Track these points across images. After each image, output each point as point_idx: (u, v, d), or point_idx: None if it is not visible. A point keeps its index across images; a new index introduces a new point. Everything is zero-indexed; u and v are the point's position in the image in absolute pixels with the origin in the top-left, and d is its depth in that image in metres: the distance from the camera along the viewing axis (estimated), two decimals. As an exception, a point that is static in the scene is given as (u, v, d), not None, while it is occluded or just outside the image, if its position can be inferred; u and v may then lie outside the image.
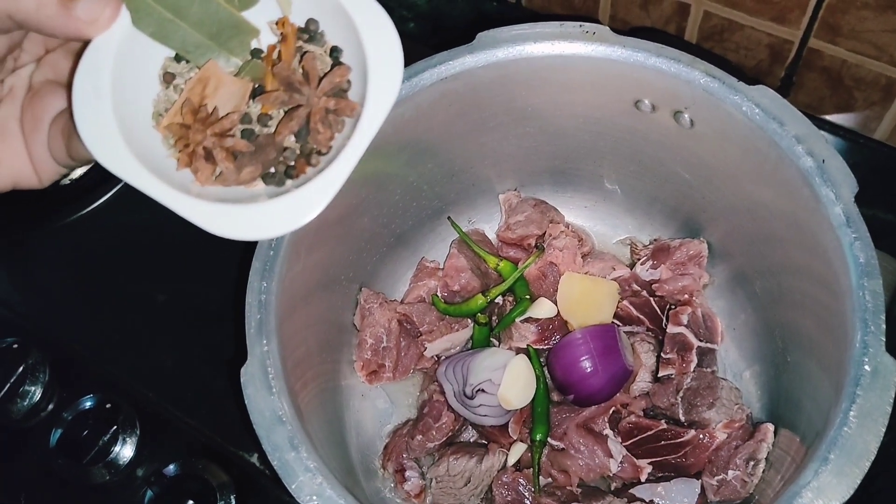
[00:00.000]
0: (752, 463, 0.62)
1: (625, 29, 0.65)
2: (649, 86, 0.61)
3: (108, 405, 0.80)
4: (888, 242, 0.80)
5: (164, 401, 0.82)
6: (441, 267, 0.76)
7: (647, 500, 0.64)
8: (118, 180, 0.93)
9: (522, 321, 0.71)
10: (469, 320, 0.73)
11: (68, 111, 0.45)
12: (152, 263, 0.89)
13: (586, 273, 0.72)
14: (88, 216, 0.94)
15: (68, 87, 0.44)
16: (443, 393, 0.69)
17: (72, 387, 0.82)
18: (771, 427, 0.63)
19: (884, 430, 0.48)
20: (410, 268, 0.77)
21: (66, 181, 0.95)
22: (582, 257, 0.73)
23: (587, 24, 0.61)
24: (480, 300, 0.71)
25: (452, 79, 0.62)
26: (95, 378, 0.83)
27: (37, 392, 0.82)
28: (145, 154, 0.43)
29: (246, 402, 0.53)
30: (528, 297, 0.72)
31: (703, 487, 0.64)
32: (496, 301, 0.73)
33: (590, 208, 0.78)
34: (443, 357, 0.73)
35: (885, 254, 0.78)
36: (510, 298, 0.74)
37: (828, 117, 0.87)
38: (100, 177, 0.95)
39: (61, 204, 0.95)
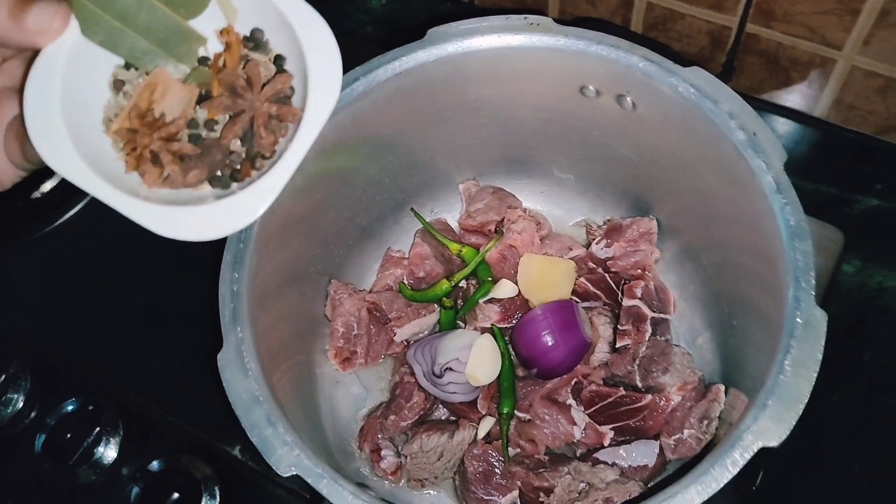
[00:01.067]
0: (705, 422, 0.66)
1: (572, 20, 0.69)
2: (592, 72, 0.65)
3: (90, 407, 0.83)
4: (831, 214, 0.85)
5: (146, 400, 0.84)
6: (406, 256, 0.80)
7: (611, 463, 0.68)
8: (86, 192, 0.97)
9: (486, 302, 0.75)
10: (435, 305, 0.76)
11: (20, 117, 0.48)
12: (126, 270, 0.92)
13: (544, 254, 0.76)
14: (60, 228, 0.97)
15: (19, 95, 0.46)
16: (413, 374, 0.72)
17: (54, 392, 0.85)
18: (722, 387, 0.66)
19: (815, 376, 0.52)
20: (377, 259, 0.81)
21: (37, 195, 0.97)
22: (540, 240, 0.77)
23: (532, 16, 0.65)
24: (445, 285, 0.75)
25: (406, 74, 0.65)
26: (77, 382, 0.86)
27: (19, 399, 0.85)
28: (95, 158, 0.46)
29: (224, 385, 0.56)
30: (490, 279, 0.76)
31: (661, 447, 0.68)
32: (460, 285, 0.77)
33: (545, 193, 0.81)
34: (412, 341, 0.76)
35: (828, 224, 0.82)
36: (473, 282, 0.77)
37: (770, 98, 0.91)
38: (69, 190, 0.97)
39: (33, 218, 0.97)
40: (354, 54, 0.63)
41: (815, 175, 0.88)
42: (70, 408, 0.83)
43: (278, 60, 0.48)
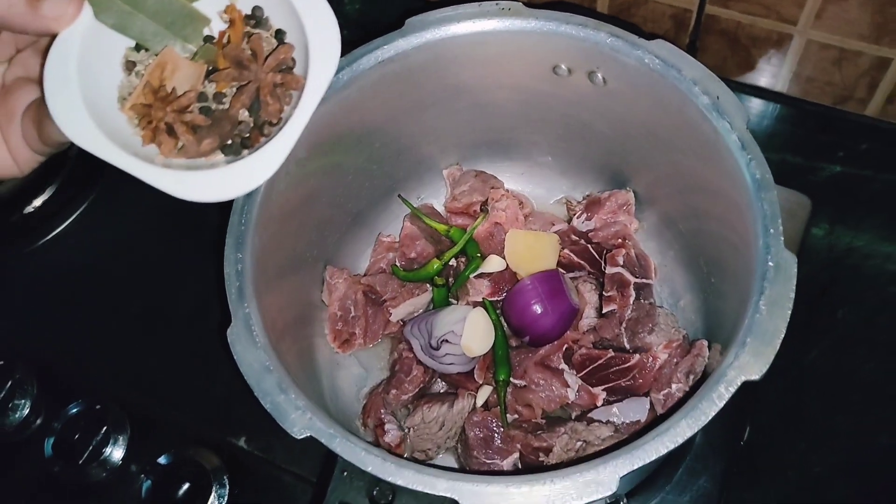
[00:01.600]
0: (691, 376, 0.69)
1: (542, 5, 0.73)
2: (563, 51, 0.69)
3: (97, 407, 0.85)
4: (798, 182, 0.89)
5: (150, 398, 0.87)
6: (397, 240, 0.83)
7: (605, 421, 0.71)
8: (79, 205, 0.99)
9: (476, 277, 0.78)
10: (428, 284, 0.79)
11: (38, 101, 0.51)
12: (121, 276, 0.95)
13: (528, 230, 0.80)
14: (55, 240, 0.99)
15: (39, 78, 0.49)
16: (411, 349, 0.75)
17: (59, 396, 0.86)
18: (705, 342, 0.70)
19: (789, 313, 0.55)
20: (369, 244, 0.84)
21: (30, 209, 1.00)
22: (523, 217, 0.80)
23: (503, 1, 0.69)
24: (436, 264, 0.78)
25: (389, 61, 0.69)
26: (81, 385, 0.88)
27: (26, 405, 0.86)
28: (113, 133, 0.49)
29: (235, 357, 0.59)
30: (478, 255, 0.79)
31: (651, 403, 0.71)
32: (450, 263, 0.80)
33: (526, 174, 0.85)
34: (407, 320, 0.79)
35: (796, 191, 0.87)
36: (463, 259, 0.81)
37: (733, 77, 0.95)
38: (61, 203, 1.00)
39: (28, 230, 1.00)
40: None
41: (780, 146, 0.92)
42: (76, 410, 0.85)
43: (279, 34, 0.52)
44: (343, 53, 0.68)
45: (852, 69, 0.87)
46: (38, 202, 1.00)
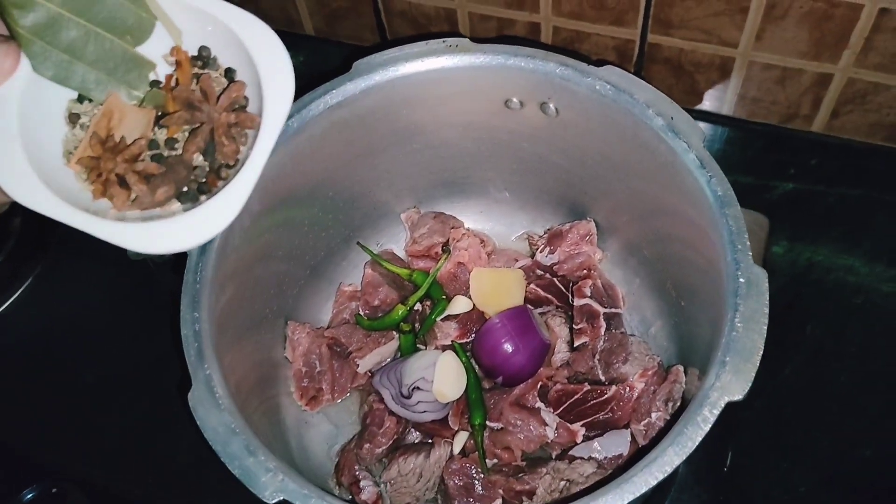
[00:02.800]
0: (670, 403, 0.68)
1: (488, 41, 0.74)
2: (514, 84, 0.68)
3: (53, 490, 0.80)
4: (753, 202, 0.89)
5: (111, 475, 0.83)
6: (359, 289, 0.81)
7: (587, 457, 0.69)
8: (24, 280, 0.96)
9: (443, 320, 0.76)
10: (394, 332, 0.77)
11: None
12: (71, 349, 0.91)
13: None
14: (3, 314, 0.95)
15: None
16: (381, 400, 0.73)
17: (13, 482, 0.82)
18: (681, 368, 0.69)
19: (765, 328, 0.55)
20: (330, 296, 0.82)
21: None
22: (486, 255, 0.79)
23: (450, 38, 0.68)
24: (401, 310, 0.76)
25: (338, 106, 0.68)
26: (35, 469, 0.83)
27: (-25, 495, 0.82)
28: (61, 190, 0.47)
29: (198, 422, 0.56)
30: (444, 297, 0.77)
31: (632, 435, 0.70)
32: (416, 308, 0.78)
33: (484, 212, 0.84)
34: (375, 370, 0.77)
35: (752, 211, 0.87)
36: (428, 303, 0.79)
37: (680, 104, 0.96)
38: (5, 278, 0.96)
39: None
40: None
41: (732, 168, 0.91)
42: (31, 495, 0.81)
43: (229, 73, 0.50)
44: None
45: (795, 87, 0.88)
46: (-19, 278, 0.96)
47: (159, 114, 0.50)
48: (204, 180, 0.49)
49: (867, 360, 0.81)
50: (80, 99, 0.50)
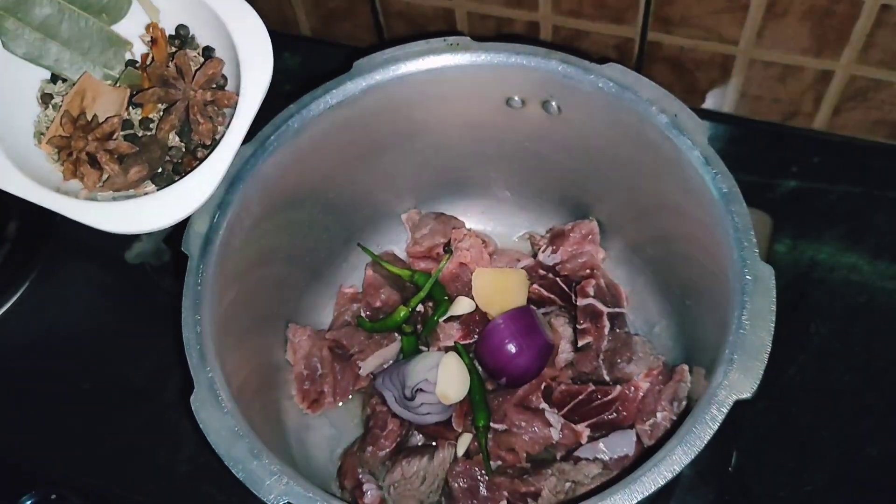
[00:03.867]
0: (675, 402, 0.67)
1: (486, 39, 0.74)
2: (515, 82, 0.68)
3: (52, 497, 0.80)
4: (756, 200, 0.88)
5: (110, 482, 0.82)
6: (360, 291, 0.80)
7: (592, 458, 0.68)
8: (19, 286, 0.95)
9: (445, 321, 0.75)
10: (396, 333, 0.77)
11: None
12: (67, 357, 0.90)
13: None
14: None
15: None
16: (384, 403, 0.72)
17: (10, 490, 0.81)
18: (686, 367, 0.68)
19: (773, 326, 0.54)
20: (331, 298, 0.81)
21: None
22: (488, 255, 0.78)
23: (450, 37, 0.68)
24: (403, 311, 0.75)
25: (338, 106, 0.67)
26: (34, 476, 0.82)
27: (-27, 504, 0.81)
28: (32, 171, 0.46)
29: (201, 426, 0.55)
30: (446, 298, 0.77)
31: (637, 435, 0.69)
32: (417, 309, 0.77)
33: (486, 213, 0.83)
34: (378, 373, 0.76)
35: (755, 209, 0.86)
36: (430, 304, 0.78)
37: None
38: (2, 283, 0.95)
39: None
40: (276, 114, 0.65)
41: (734, 166, 0.91)
42: (30, 502, 0.80)
43: (207, 52, 0.49)
44: (289, 104, 0.67)
45: (797, 84, 0.88)
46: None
47: (133, 93, 0.49)
48: (180, 161, 0.48)
49: (872, 359, 0.80)
50: (54, 79, 0.48)
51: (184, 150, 0.48)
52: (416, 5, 0.95)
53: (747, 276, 0.56)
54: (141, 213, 0.45)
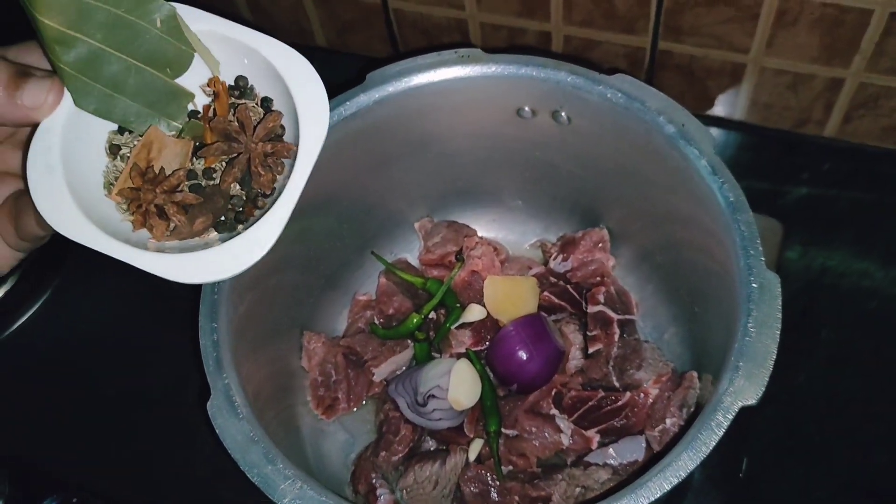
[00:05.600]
0: (684, 409, 0.68)
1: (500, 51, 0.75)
2: (525, 93, 0.69)
3: (74, 500, 0.81)
4: (766, 207, 0.90)
5: (130, 486, 0.83)
6: (373, 298, 0.81)
7: (602, 464, 0.69)
8: (43, 292, 0.97)
9: (457, 328, 0.77)
10: (408, 340, 0.78)
11: (15, 194, 0.49)
12: (90, 364, 0.92)
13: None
14: (20, 330, 0.96)
15: (20, 171, 0.47)
16: (397, 409, 0.73)
17: (34, 492, 0.83)
18: (694, 374, 0.69)
19: (778, 333, 0.55)
20: (345, 305, 0.82)
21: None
22: (500, 263, 0.79)
23: (461, 49, 0.69)
24: (416, 318, 0.77)
25: (352, 118, 0.68)
26: (57, 479, 0.84)
27: (0, 506, 0.83)
28: (102, 221, 0.47)
29: (217, 431, 0.57)
30: (458, 305, 0.78)
31: (647, 441, 0.70)
32: (430, 317, 0.79)
33: (498, 221, 0.84)
34: (391, 379, 0.77)
35: (766, 216, 0.87)
36: (442, 311, 0.79)
37: (692, 110, 0.96)
38: (24, 292, 0.97)
39: (-8, 324, 0.96)
40: None
41: (745, 174, 0.91)
42: (53, 505, 0.81)
43: (266, 102, 0.51)
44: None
45: (807, 92, 0.88)
46: (0, 292, 0.97)
47: (197, 144, 0.51)
48: (241, 209, 0.49)
49: (882, 365, 0.81)
50: (121, 130, 0.50)
51: (245, 198, 0.49)
52: (430, 16, 0.96)
53: (753, 284, 0.57)
54: (209, 264, 0.47)
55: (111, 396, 0.90)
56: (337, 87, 0.70)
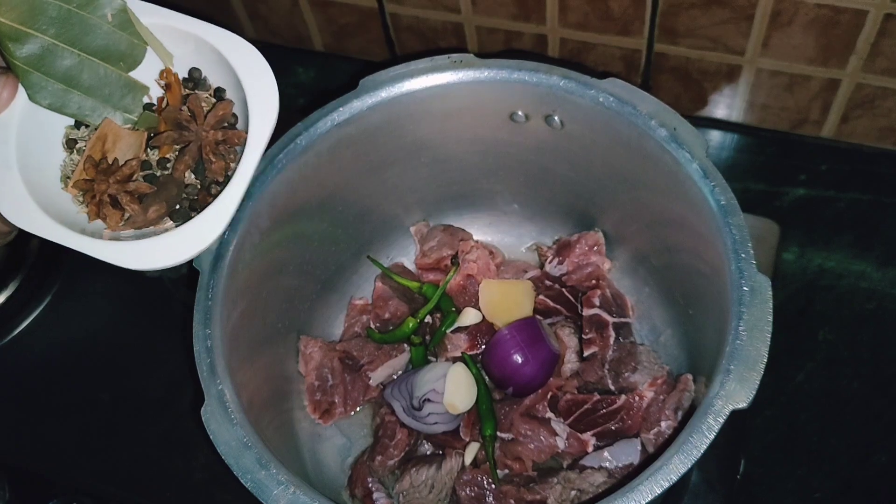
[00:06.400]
0: (679, 411, 0.68)
1: (494, 55, 0.75)
2: (518, 98, 0.69)
3: (72, 504, 0.82)
4: (764, 208, 0.90)
5: (128, 490, 0.84)
6: (369, 302, 0.82)
7: (598, 467, 0.69)
8: (41, 300, 0.97)
9: (453, 332, 0.77)
10: (405, 344, 0.78)
11: None
12: (86, 369, 0.92)
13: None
14: (18, 337, 0.96)
15: None
16: (393, 413, 0.74)
17: (33, 497, 0.83)
18: (689, 377, 0.69)
19: (769, 336, 0.55)
20: (341, 310, 0.83)
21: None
22: (495, 267, 0.80)
23: (454, 54, 0.69)
24: (412, 323, 0.77)
25: (345, 123, 0.68)
26: (56, 484, 0.85)
27: (-2, 511, 0.83)
28: (59, 214, 0.49)
29: (211, 437, 0.57)
30: (453, 309, 0.78)
31: (642, 444, 0.70)
32: (426, 321, 0.79)
33: (493, 224, 0.85)
34: (387, 383, 0.78)
35: (763, 217, 0.87)
36: (438, 315, 0.80)
37: (688, 112, 0.96)
38: (23, 300, 0.98)
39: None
40: (291, 126, 0.66)
41: (742, 175, 0.93)
42: (52, 510, 0.82)
43: (219, 92, 0.51)
44: (300, 119, 0.69)
45: (804, 93, 0.88)
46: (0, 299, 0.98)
47: (151, 135, 0.51)
48: (195, 197, 0.50)
49: (881, 366, 0.81)
50: (77, 125, 0.51)
51: (199, 186, 0.50)
52: (426, 20, 0.97)
53: (744, 288, 0.56)
54: (163, 249, 0.48)
55: (108, 401, 0.90)
56: (334, 91, 0.70)
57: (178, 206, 0.50)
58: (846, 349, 0.82)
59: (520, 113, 0.71)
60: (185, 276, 0.92)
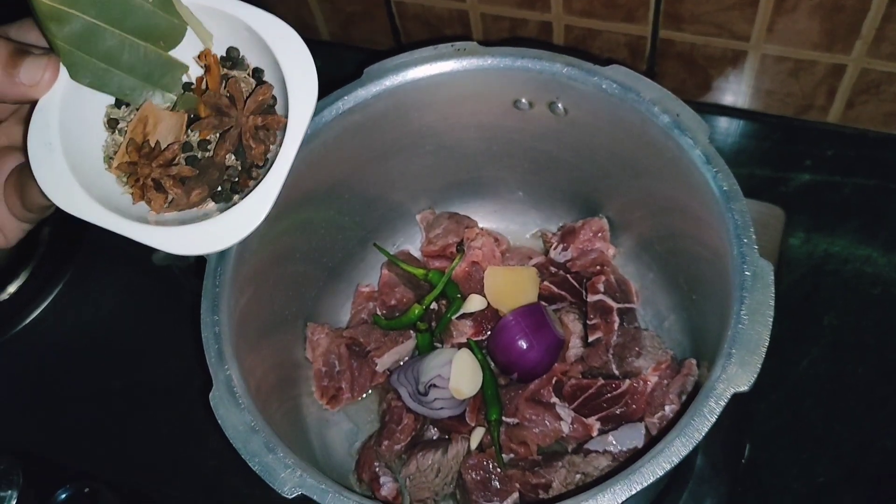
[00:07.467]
0: (683, 396, 0.69)
1: (498, 42, 0.75)
2: (521, 85, 0.69)
3: (86, 490, 0.83)
4: (769, 194, 0.90)
5: (140, 475, 0.85)
6: (376, 289, 0.82)
7: (602, 451, 0.70)
8: (53, 288, 0.98)
9: (458, 318, 0.77)
10: (411, 331, 0.79)
11: (20, 167, 0.50)
12: (98, 357, 0.94)
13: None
14: (30, 326, 0.97)
15: (23, 146, 0.49)
16: (399, 398, 0.74)
17: (47, 484, 0.84)
18: (693, 361, 0.69)
19: (771, 320, 0.55)
20: (348, 296, 0.83)
21: (5, 296, 0.99)
22: (500, 254, 0.80)
23: (458, 42, 0.69)
24: (417, 309, 0.77)
25: (350, 112, 0.69)
26: (68, 471, 0.86)
27: (13, 496, 0.84)
28: (102, 195, 0.49)
29: (219, 421, 0.58)
30: (459, 296, 0.79)
31: (647, 428, 0.70)
32: (432, 307, 0.79)
33: (498, 211, 0.85)
34: (393, 369, 0.78)
35: (768, 203, 0.87)
36: (444, 302, 0.80)
37: (694, 98, 0.96)
38: (36, 288, 0.99)
39: (2, 320, 0.98)
40: None
41: (747, 161, 0.93)
42: (64, 496, 0.82)
43: (257, 73, 0.52)
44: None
45: (809, 78, 0.88)
46: (11, 289, 0.99)
47: (192, 116, 0.52)
48: (237, 180, 0.51)
49: (886, 351, 0.81)
50: (118, 104, 0.51)
51: (240, 168, 0.51)
52: (431, 8, 0.97)
53: (746, 272, 0.57)
54: (207, 235, 0.48)
55: (119, 388, 0.91)
56: (341, 79, 0.71)
57: (219, 189, 0.50)
58: (851, 334, 0.82)
59: (523, 100, 0.71)
60: (194, 265, 0.93)
